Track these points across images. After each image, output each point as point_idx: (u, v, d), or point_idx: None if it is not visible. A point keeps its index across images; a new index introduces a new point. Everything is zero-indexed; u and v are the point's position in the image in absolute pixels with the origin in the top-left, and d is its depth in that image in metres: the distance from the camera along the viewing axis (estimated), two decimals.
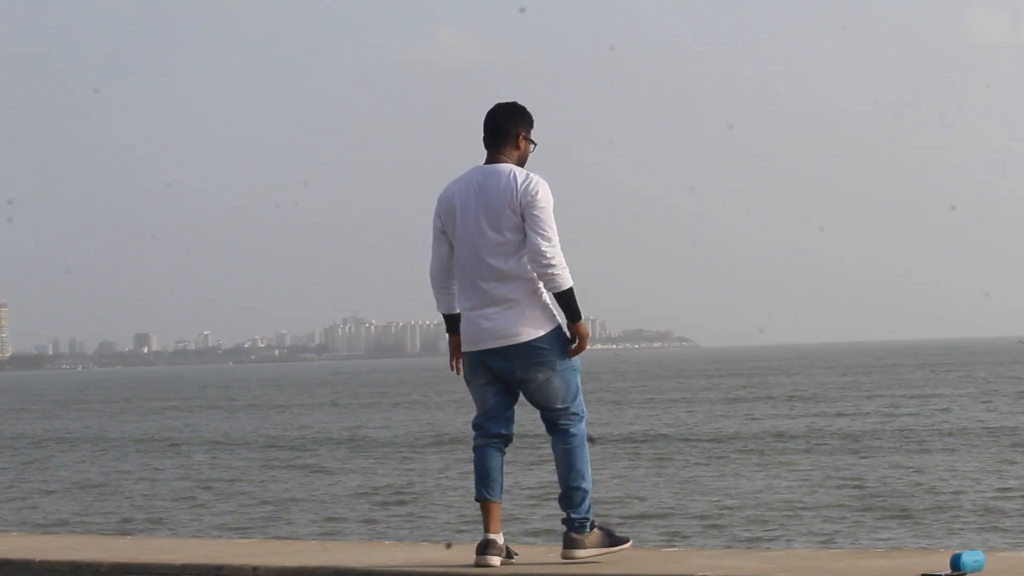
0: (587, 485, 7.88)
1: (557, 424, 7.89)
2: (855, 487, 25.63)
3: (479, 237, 7.83)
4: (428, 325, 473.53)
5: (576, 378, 7.93)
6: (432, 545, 8.83)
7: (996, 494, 23.99)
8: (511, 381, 7.91)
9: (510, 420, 8.02)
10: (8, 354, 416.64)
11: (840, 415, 47.92)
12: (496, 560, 7.77)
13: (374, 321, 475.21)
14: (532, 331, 7.82)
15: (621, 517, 21.46)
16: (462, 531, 21.38)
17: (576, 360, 7.94)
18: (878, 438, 37.06)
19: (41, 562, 8.47)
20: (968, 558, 6.85)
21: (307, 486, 29.67)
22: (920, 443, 34.96)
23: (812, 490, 25.38)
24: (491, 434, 7.96)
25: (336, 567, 7.82)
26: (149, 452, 42.05)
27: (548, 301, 7.86)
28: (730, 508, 23.18)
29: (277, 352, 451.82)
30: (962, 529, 20.17)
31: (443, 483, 29.15)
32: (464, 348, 7.95)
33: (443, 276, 8.02)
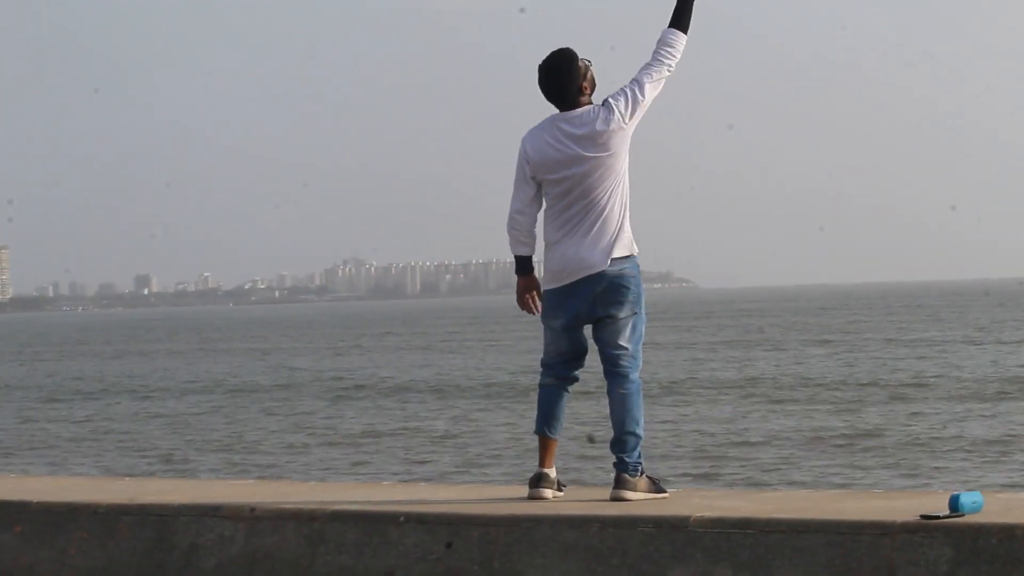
0: (640, 431, 7.92)
1: (619, 364, 7.90)
2: (855, 429, 25.67)
3: (580, 178, 7.81)
4: (428, 266, 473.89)
5: (642, 327, 7.97)
6: (429, 485, 8.84)
7: (994, 435, 24.03)
8: (592, 315, 7.89)
9: (580, 364, 8.05)
10: (8, 296, 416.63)
11: (836, 356, 48.00)
12: (549, 493, 7.88)
13: (374, 262, 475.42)
14: (618, 261, 7.84)
15: None
16: (460, 470, 21.42)
17: (645, 314, 7.97)
18: (877, 382, 37.10)
19: (39, 503, 8.47)
20: (966, 499, 6.84)
21: (303, 428, 29.73)
22: (917, 386, 35.00)
23: (812, 432, 25.43)
24: (560, 376, 8.01)
25: (334, 508, 7.82)
26: (148, 396, 42.11)
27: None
28: (728, 450, 23.21)
29: (277, 294, 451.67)
30: (961, 470, 20.21)
31: (440, 425, 29.21)
32: (549, 285, 7.95)
33: (529, 218, 7.96)
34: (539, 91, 7.98)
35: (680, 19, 7.98)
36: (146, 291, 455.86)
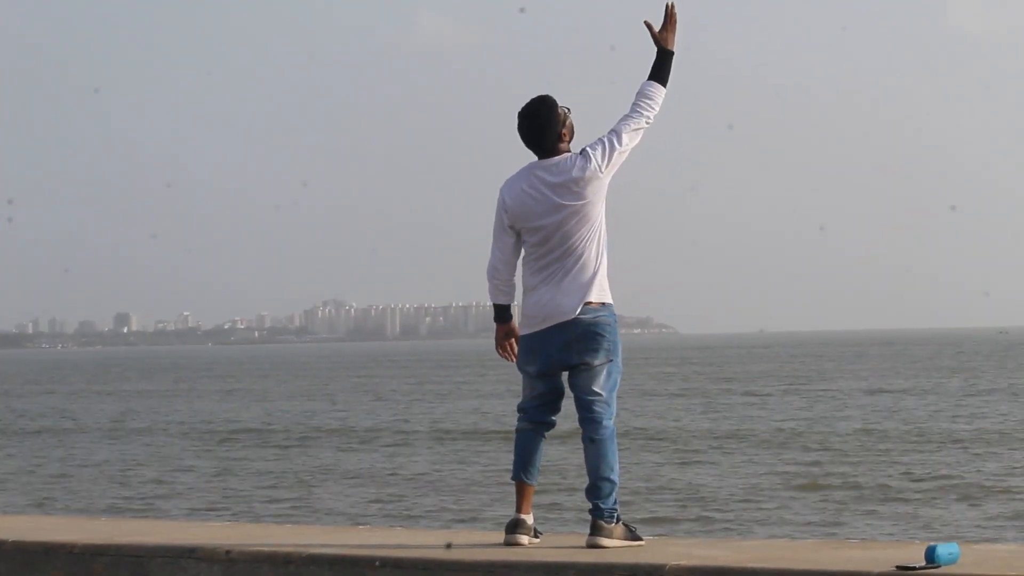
0: (615, 477, 7.93)
1: (593, 411, 7.91)
2: (831, 478, 25.67)
3: (556, 226, 7.84)
4: (408, 309, 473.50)
5: (617, 374, 8.00)
6: (405, 529, 8.82)
7: (972, 486, 24.04)
8: (566, 362, 7.92)
9: (556, 408, 8.06)
10: None
11: (815, 405, 48.01)
12: (525, 539, 7.90)
13: (354, 304, 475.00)
14: (596, 311, 7.90)
15: None
16: (437, 515, 21.36)
17: (620, 361, 8.01)
18: (851, 430, 37.11)
19: (13, 543, 8.43)
20: (943, 550, 6.84)
21: (284, 472, 29.65)
22: (896, 435, 35.03)
23: (789, 481, 25.41)
24: (536, 421, 8.04)
25: (309, 551, 7.80)
26: (123, 436, 41.97)
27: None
28: (704, 498, 23.20)
29: (257, 334, 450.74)
30: (937, 521, 20.21)
31: (417, 469, 29.14)
32: (524, 330, 7.97)
33: (509, 267, 8.00)
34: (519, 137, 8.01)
35: (659, 73, 8.05)
36: (126, 329, 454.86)
